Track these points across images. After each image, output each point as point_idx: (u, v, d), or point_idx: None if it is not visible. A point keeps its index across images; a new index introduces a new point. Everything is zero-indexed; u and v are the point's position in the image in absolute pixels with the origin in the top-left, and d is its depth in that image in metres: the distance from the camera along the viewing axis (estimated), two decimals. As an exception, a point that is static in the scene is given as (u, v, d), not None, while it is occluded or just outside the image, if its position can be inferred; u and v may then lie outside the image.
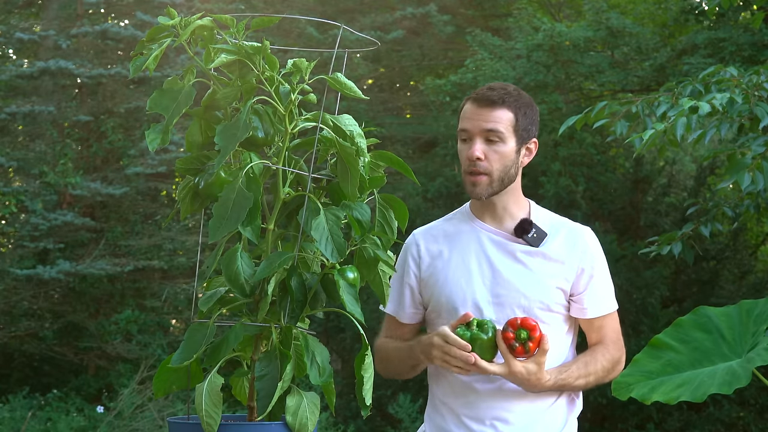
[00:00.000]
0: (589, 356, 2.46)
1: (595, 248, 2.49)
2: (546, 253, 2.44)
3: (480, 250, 2.48)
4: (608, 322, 2.50)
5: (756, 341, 2.14)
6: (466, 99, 2.52)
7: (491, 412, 2.42)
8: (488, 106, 2.42)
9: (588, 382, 2.43)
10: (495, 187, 2.43)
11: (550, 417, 2.44)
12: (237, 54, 1.95)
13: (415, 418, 8.49)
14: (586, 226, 2.56)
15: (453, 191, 10.16)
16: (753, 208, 5.44)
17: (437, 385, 2.56)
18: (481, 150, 2.41)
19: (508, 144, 2.43)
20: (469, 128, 2.44)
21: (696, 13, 10.12)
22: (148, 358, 9.18)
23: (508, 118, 2.42)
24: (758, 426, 8.52)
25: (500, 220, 2.50)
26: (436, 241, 2.55)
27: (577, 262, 2.45)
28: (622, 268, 8.96)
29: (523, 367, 2.28)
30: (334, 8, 11.66)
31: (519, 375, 2.29)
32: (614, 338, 2.51)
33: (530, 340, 2.27)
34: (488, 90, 2.45)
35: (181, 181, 2.05)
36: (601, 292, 2.48)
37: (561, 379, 2.38)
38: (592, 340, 2.51)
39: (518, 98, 2.45)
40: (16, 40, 10.47)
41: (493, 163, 2.42)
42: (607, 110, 4.85)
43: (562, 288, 2.45)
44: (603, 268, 2.50)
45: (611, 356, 2.47)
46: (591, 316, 2.47)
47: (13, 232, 10.33)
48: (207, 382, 1.88)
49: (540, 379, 2.32)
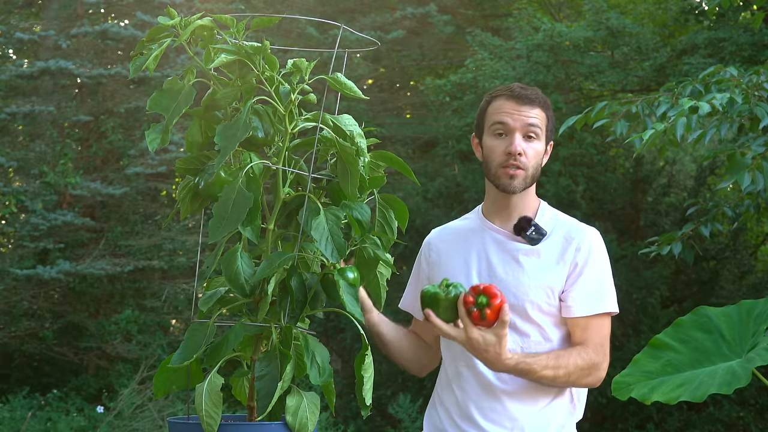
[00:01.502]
0: (563, 351, 2.36)
1: (592, 247, 2.44)
2: (542, 252, 2.44)
3: (481, 248, 2.49)
4: (594, 324, 2.40)
5: (756, 341, 2.14)
6: (493, 96, 2.50)
7: (481, 412, 2.42)
8: (528, 104, 2.44)
9: (557, 375, 2.32)
10: (528, 182, 2.46)
11: (542, 419, 2.41)
12: (237, 54, 1.95)
13: (415, 418, 8.50)
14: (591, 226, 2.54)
15: (453, 191, 10.16)
16: (753, 208, 5.44)
17: (439, 383, 2.57)
18: (521, 146, 2.42)
19: (542, 141, 2.46)
20: (509, 122, 2.43)
21: (696, 13, 10.12)
22: (148, 358, 9.18)
23: (543, 117, 2.47)
24: (758, 426, 8.52)
25: (509, 219, 2.50)
26: (446, 239, 2.59)
27: (571, 259, 2.42)
28: (622, 268, 8.96)
29: (480, 335, 2.20)
30: (334, 8, 11.66)
31: (475, 343, 2.20)
32: (597, 342, 2.39)
33: (488, 306, 2.18)
34: (522, 89, 2.47)
35: (181, 181, 2.05)
36: (590, 291, 2.41)
37: (525, 362, 2.27)
38: (575, 340, 2.41)
39: (546, 101, 2.50)
40: (16, 40, 10.48)
41: (530, 159, 2.43)
42: (607, 110, 4.85)
43: (555, 288, 2.42)
44: (597, 268, 2.43)
45: (589, 358, 2.36)
46: (575, 314, 2.39)
47: (13, 232, 10.34)
48: (207, 382, 1.89)
49: (499, 355, 2.22)
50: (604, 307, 2.41)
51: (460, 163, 10.29)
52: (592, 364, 2.36)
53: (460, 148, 10.12)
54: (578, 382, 2.36)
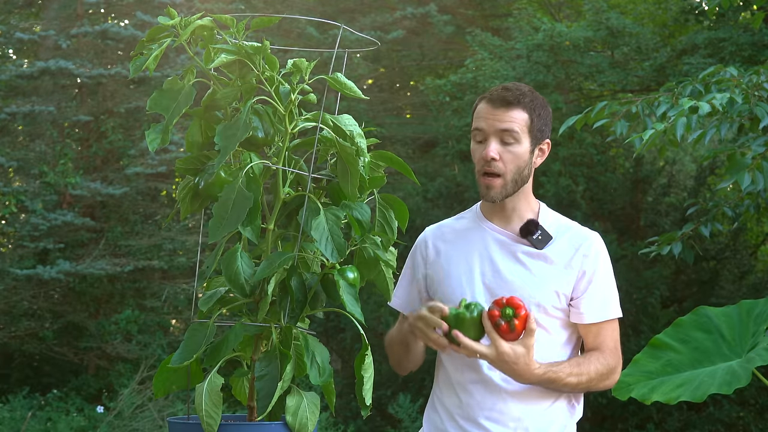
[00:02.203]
0: (582, 357, 2.41)
1: (599, 253, 2.46)
2: (548, 256, 2.43)
3: (484, 249, 2.48)
4: (606, 330, 2.45)
5: (756, 341, 2.15)
6: (480, 98, 2.49)
7: (485, 413, 2.42)
8: (503, 106, 2.41)
9: (580, 381, 2.36)
10: (509, 189, 2.42)
11: (546, 420, 2.42)
12: (237, 54, 1.95)
13: (415, 418, 8.49)
14: (591, 229, 2.54)
15: (453, 191, 10.16)
16: (753, 208, 5.44)
17: (437, 384, 2.56)
18: (495, 150, 2.39)
19: (522, 144, 2.41)
20: (484, 128, 2.42)
21: (696, 13, 10.12)
22: (148, 358, 9.18)
23: (523, 119, 2.41)
24: (758, 426, 8.52)
25: (508, 220, 2.49)
26: (444, 238, 2.56)
27: (578, 265, 2.43)
28: (622, 268, 8.96)
29: (510, 348, 2.22)
30: (334, 8, 11.66)
31: (506, 356, 2.21)
32: (611, 346, 2.45)
33: (516, 317, 2.20)
34: (503, 90, 2.44)
35: (181, 181, 2.05)
36: (601, 297, 2.44)
37: (552, 371, 2.31)
38: (589, 345, 2.46)
39: (533, 99, 2.44)
40: (16, 40, 10.48)
41: (507, 164, 2.40)
42: (607, 110, 4.85)
43: (562, 292, 2.43)
44: (605, 275, 2.46)
45: (606, 362, 2.41)
46: (588, 321, 2.42)
47: (13, 232, 10.33)
48: (207, 382, 1.89)
49: (529, 365, 2.24)
50: (614, 312, 2.46)
51: (460, 163, 10.29)
52: (610, 368, 2.42)
53: (460, 148, 10.11)
54: (597, 386, 2.41)
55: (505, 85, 2.46)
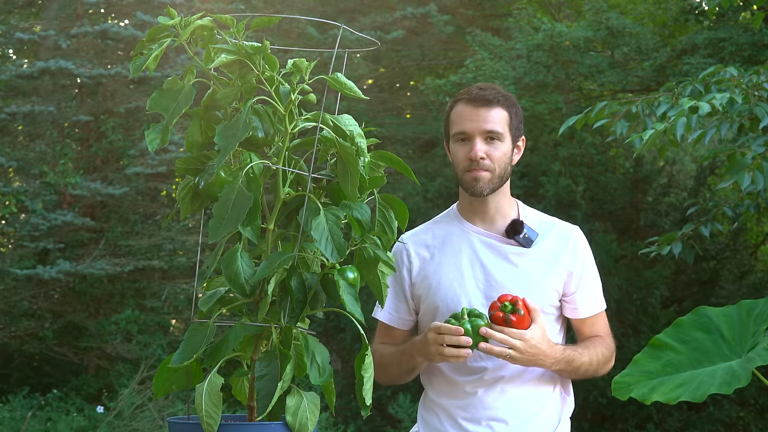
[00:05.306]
0: (589, 342, 2.51)
1: (584, 249, 2.53)
2: (536, 254, 2.45)
3: (472, 252, 2.48)
4: (599, 319, 2.56)
5: (756, 341, 2.14)
6: (455, 100, 2.50)
7: (487, 413, 2.42)
8: (485, 106, 2.43)
9: (591, 361, 2.45)
10: (495, 183, 2.45)
11: (544, 416, 2.45)
12: (237, 54, 1.95)
13: (415, 418, 8.49)
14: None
15: (453, 191, 10.15)
16: (753, 208, 5.44)
17: (431, 386, 2.56)
18: (482, 150, 2.41)
19: (505, 142, 2.45)
20: (468, 129, 2.44)
21: (696, 13, 10.12)
22: (148, 358, 9.18)
23: (504, 117, 2.45)
24: (758, 426, 8.52)
25: (491, 221, 2.51)
26: (425, 244, 2.54)
27: (568, 262, 2.47)
28: (622, 268, 8.96)
29: (531, 332, 2.30)
30: (334, 8, 11.65)
31: (533, 340, 2.29)
32: (606, 332, 2.57)
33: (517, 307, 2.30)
34: (480, 90, 2.46)
35: (181, 181, 2.05)
36: (592, 291, 2.53)
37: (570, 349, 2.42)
38: (585, 335, 2.55)
39: (508, 97, 2.49)
40: (16, 40, 10.47)
41: (494, 161, 2.43)
42: (607, 110, 4.85)
43: (555, 289, 2.46)
44: (592, 268, 2.54)
45: (608, 346, 2.52)
46: (584, 315, 2.52)
47: (13, 232, 10.33)
48: (207, 382, 1.88)
49: (551, 344, 2.34)
50: (603, 304, 2.57)
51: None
52: (612, 351, 2.54)
53: (460, 148, 10.09)
54: (600, 370, 2.51)
55: (479, 85, 2.50)
